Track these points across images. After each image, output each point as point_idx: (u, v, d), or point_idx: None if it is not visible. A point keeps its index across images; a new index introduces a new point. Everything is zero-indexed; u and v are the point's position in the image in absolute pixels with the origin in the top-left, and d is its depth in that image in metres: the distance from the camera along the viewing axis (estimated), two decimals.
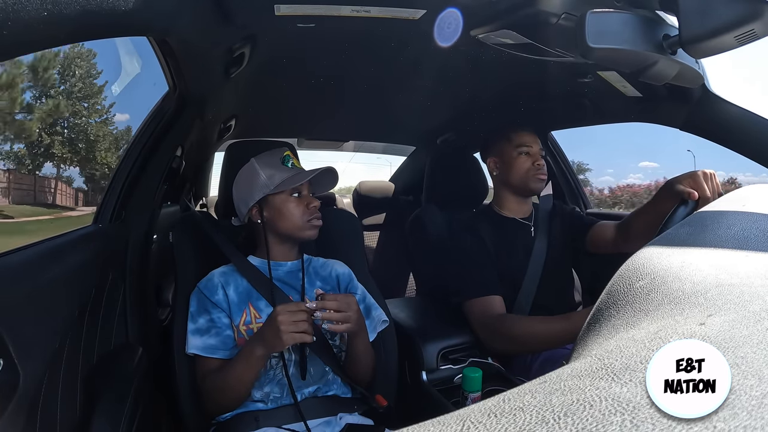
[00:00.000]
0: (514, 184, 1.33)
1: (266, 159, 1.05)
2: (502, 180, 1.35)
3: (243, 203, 1.04)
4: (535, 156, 1.31)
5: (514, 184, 1.33)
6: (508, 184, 1.34)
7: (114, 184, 1.01)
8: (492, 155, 1.37)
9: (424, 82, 1.39)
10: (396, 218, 2.35)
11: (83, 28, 0.48)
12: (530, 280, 1.27)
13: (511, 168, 1.32)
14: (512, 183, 1.33)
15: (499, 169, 1.35)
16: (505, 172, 1.33)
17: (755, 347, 0.19)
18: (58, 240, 0.77)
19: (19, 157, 1.00)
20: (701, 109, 1.05)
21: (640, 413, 0.17)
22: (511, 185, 1.34)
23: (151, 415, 0.96)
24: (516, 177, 1.31)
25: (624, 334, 0.25)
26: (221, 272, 1.01)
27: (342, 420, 0.95)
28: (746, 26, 0.58)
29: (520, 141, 1.31)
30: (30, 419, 0.61)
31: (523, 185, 1.32)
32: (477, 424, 0.18)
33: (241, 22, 0.88)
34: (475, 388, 1.04)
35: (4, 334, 0.53)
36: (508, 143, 1.32)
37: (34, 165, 1.05)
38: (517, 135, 1.32)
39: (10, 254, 0.63)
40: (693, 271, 0.29)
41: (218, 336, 0.94)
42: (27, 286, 0.62)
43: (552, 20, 0.81)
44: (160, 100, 1.05)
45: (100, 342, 0.88)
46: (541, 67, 1.08)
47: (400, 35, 1.00)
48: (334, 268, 1.10)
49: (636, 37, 0.68)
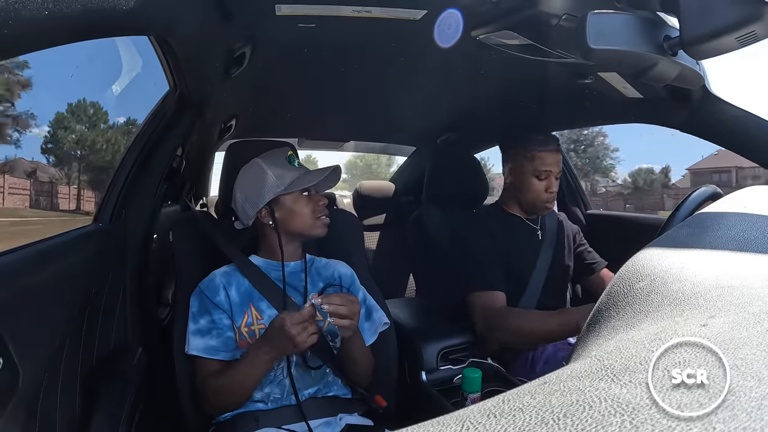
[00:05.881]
0: (520, 201, 1.33)
1: (272, 158, 1.04)
2: (512, 190, 1.35)
3: (251, 204, 1.01)
4: (549, 181, 1.27)
5: (521, 201, 1.33)
6: (516, 197, 1.34)
7: (114, 184, 1.01)
8: (509, 163, 1.34)
9: (425, 83, 1.39)
10: (396, 218, 2.35)
11: (84, 27, 0.48)
12: (536, 280, 1.29)
13: (522, 186, 1.30)
14: (519, 198, 1.33)
15: (510, 181, 1.34)
16: (516, 186, 1.32)
17: (755, 349, 0.19)
18: (58, 239, 0.77)
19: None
20: (702, 110, 1.05)
21: (640, 414, 0.17)
22: (518, 200, 1.34)
23: (151, 414, 0.96)
24: (524, 196, 1.31)
25: (624, 335, 0.25)
26: (223, 272, 1.01)
27: (342, 420, 0.96)
28: (747, 27, 0.58)
29: (540, 163, 1.26)
30: (29, 418, 0.61)
31: (529, 205, 1.32)
32: (476, 424, 0.18)
33: (242, 22, 0.88)
34: (475, 388, 1.04)
35: (4, 333, 0.53)
36: (527, 162, 1.28)
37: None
38: (539, 156, 1.26)
39: (10, 253, 0.63)
40: (693, 273, 0.29)
41: (219, 337, 0.94)
42: (27, 285, 0.62)
43: (553, 21, 0.81)
44: (161, 99, 1.05)
45: (100, 341, 0.88)
46: (542, 68, 1.08)
47: (401, 36, 1.00)
48: (337, 268, 1.10)
49: (637, 38, 0.68)
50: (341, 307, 0.85)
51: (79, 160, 1.20)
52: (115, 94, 1.20)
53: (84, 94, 1.13)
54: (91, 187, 1.24)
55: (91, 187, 1.24)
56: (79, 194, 1.19)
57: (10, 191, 1.01)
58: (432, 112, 1.78)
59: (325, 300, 0.85)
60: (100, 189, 1.08)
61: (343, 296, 0.88)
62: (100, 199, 1.02)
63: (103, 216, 0.97)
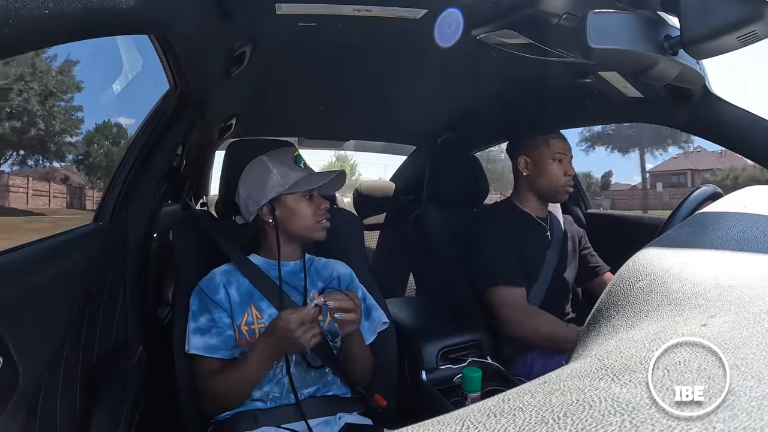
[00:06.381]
0: (542, 190, 1.35)
1: (277, 157, 1.03)
2: (530, 181, 1.36)
3: (253, 201, 1.02)
4: (566, 165, 1.32)
5: (542, 189, 1.35)
6: (535, 187, 1.36)
7: (114, 183, 1.00)
8: (524, 154, 1.36)
9: (425, 82, 1.39)
10: (396, 218, 2.35)
11: (85, 26, 0.48)
12: (543, 280, 1.31)
13: (542, 173, 1.33)
14: (540, 187, 1.35)
15: (529, 171, 1.36)
16: (536, 175, 1.35)
17: (755, 348, 0.20)
18: (58, 238, 0.77)
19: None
20: (702, 109, 1.05)
21: (640, 414, 0.17)
22: (538, 189, 1.35)
23: (151, 413, 0.96)
24: (546, 183, 1.33)
25: (624, 335, 0.25)
26: (223, 271, 1.01)
27: (341, 420, 0.96)
28: (748, 27, 0.58)
29: (559, 149, 1.32)
30: (30, 417, 0.61)
31: (550, 193, 1.34)
32: (476, 424, 0.18)
33: (242, 21, 0.88)
34: (475, 388, 1.04)
35: (4, 332, 0.53)
36: (547, 149, 1.33)
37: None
38: (557, 142, 1.33)
39: (10, 252, 0.63)
40: (693, 272, 0.29)
41: (219, 336, 0.94)
42: (27, 284, 0.62)
43: (553, 20, 0.81)
44: (161, 98, 1.05)
45: (100, 340, 0.89)
46: (542, 67, 1.08)
47: (401, 35, 1.00)
48: (336, 268, 1.10)
49: (637, 37, 0.68)
50: (345, 301, 0.86)
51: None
52: (116, 92, 1.20)
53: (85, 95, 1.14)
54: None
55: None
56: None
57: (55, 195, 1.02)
58: (432, 112, 1.78)
59: (327, 297, 0.85)
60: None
61: (344, 292, 0.89)
62: (101, 198, 1.02)
63: (104, 215, 0.97)
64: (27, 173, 1.07)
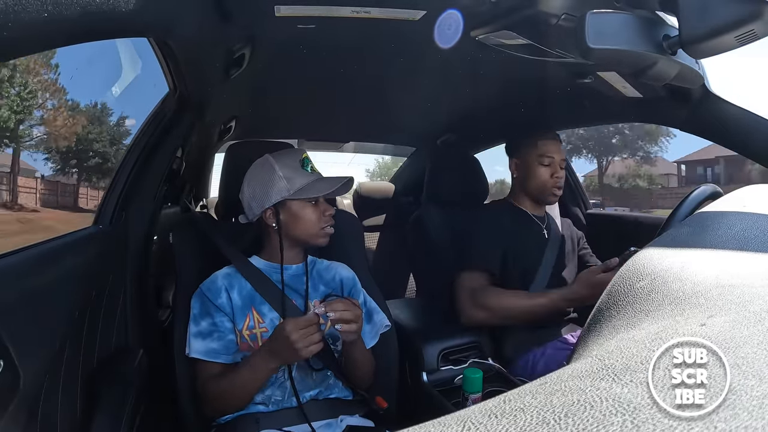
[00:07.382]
0: (530, 192, 1.36)
1: (284, 159, 1.01)
2: (520, 182, 1.38)
3: (257, 202, 1.00)
4: (554, 167, 1.33)
5: (531, 190, 1.36)
6: (524, 188, 1.37)
7: (114, 186, 1.00)
8: (515, 157, 1.39)
9: (424, 83, 1.39)
10: (396, 219, 2.35)
11: (84, 29, 0.48)
12: (541, 278, 1.30)
13: (529, 175, 1.34)
14: (528, 190, 1.36)
15: (518, 173, 1.38)
16: (524, 177, 1.36)
17: (756, 347, 0.19)
18: (58, 241, 0.77)
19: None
20: (701, 109, 1.05)
21: (641, 414, 0.17)
22: (527, 190, 1.37)
23: (152, 416, 0.96)
24: (532, 186, 1.34)
25: (624, 335, 0.25)
26: (225, 274, 1.00)
27: (343, 422, 0.95)
28: (746, 26, 0.58)
29: (544, 150, 1.32)
30: (30, 420, 0.61)
31: (538, 195, 1.35)
32: (477, 425, 0.18)
33: (241, 23, 0.88)
34: (476, 389, 1.04)
35: (5, 335, 0.53)
36: (533, 149, 1.34)
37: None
38: (543, 143, 1.33)
39: (10, 255, 0.63)
40: (693, 272, 0.29)
41: (221, 340, 0.93)
42: (27, 287, 0.62)
43: (552, 21, 0.82)
44: (161, 101, 1.05)
45: (101, 343, 0.88)
46: (541, 67, 1.09)
47: (400, 36, 1.00)
48: (338, 271, 1.09)
49: (636, 37, 0.68)
50: (346, 312, 0.85)
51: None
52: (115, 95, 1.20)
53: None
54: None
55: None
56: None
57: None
58: (432, 113, 1.79)
59: (329, 308, 0.84)
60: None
61: (345, 302, 0.88)
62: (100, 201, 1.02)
63: (104, 218, 0.97)
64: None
